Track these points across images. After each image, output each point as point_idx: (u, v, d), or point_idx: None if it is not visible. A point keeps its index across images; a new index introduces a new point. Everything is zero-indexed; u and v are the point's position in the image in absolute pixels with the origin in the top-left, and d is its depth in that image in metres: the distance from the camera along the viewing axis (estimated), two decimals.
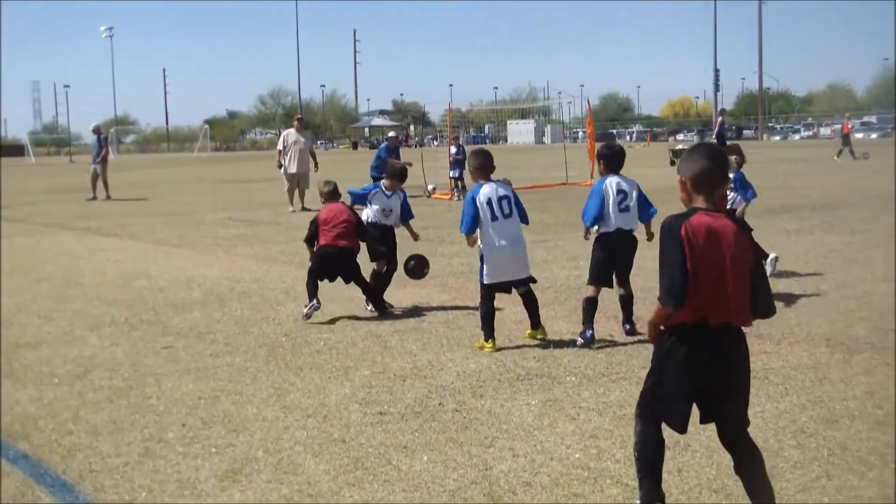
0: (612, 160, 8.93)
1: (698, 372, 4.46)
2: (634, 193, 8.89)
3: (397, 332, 9.15)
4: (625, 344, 8.45)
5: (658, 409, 4.64)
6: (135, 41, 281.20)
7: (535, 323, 8.75)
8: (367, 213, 10.52)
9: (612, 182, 8.85)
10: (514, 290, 8.72)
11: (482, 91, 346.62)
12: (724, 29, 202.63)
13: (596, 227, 9.05)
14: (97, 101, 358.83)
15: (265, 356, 8.37)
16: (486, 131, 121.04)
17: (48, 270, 13.90)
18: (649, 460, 4.73)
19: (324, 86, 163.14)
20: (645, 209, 8.93)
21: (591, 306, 8.58)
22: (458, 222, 12.66)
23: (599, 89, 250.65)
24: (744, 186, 11.62)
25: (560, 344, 8.49)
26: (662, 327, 4.65)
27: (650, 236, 8.66)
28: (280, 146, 24.49)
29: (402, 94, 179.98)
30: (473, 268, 12.30)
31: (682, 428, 4.57)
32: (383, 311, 10.13)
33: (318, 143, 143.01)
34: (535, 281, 8.91)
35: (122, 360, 8.34)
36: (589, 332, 8.43)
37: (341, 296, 10.81)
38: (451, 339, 8.84)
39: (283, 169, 23.96)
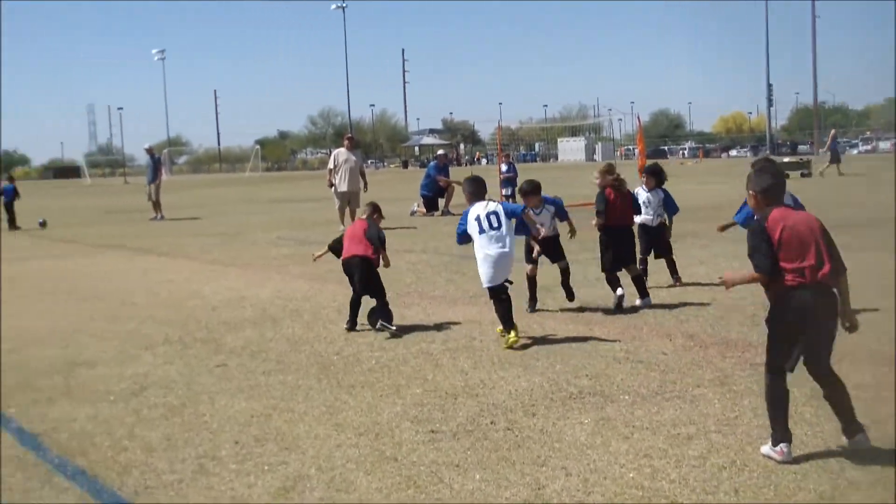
0: None
1: (800, 322, 5.65)
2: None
3: (448, 351, 9.15)
4: (678, 363, 8.39)
5: (776, 357, 5.81)
6: (186, 63, 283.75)
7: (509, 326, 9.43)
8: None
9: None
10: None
11: (532, 109, 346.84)
12: (777, 43, 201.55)
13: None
14: (150, 123, 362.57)
15: (317, 374, 8.41)
16: (537, 149, 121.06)
17: (103, 290, 14.07)
18: (782, 402, 5.83)
19: (373, 105, 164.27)
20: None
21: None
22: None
23: (650, 106, 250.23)
24: (668, 203, 13.25)
25: (613, 363, 8.44)
26: (771, 294, 5.82)
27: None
28: (331, 165, 24.54)
29: (451, 113, 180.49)
30: (525, 285, 12.31)
31: (792, 368, 5.77)
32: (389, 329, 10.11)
33: (369, 162, 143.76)
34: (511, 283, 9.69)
35: (176, 379, 8.42)
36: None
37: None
38: (503, 357, 8.82)
39: (333, 188, 24.05)
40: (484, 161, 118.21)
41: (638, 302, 11.15)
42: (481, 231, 9.39)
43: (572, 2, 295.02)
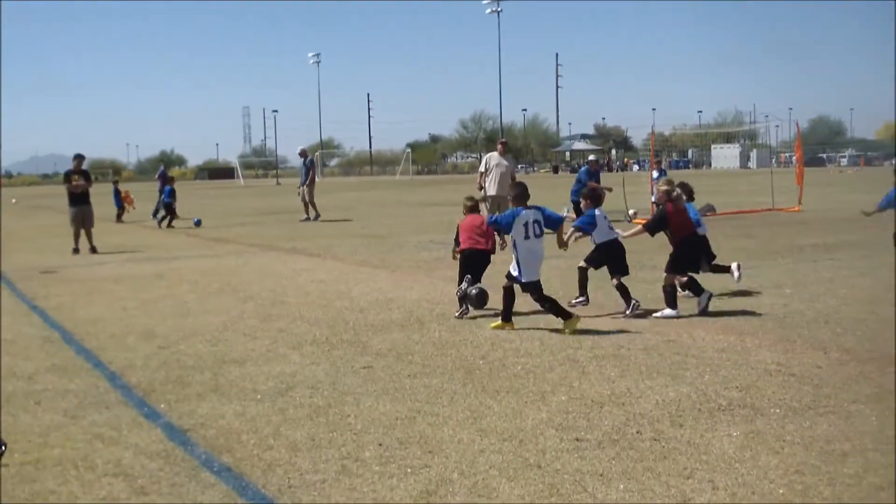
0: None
1: None
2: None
3: (595, 358, 9.06)
4: (833, 377, 8.13)
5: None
6: (341, 67, 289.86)
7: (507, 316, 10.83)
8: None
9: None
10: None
11: (686, 115, 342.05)
12: None
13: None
14: (303, 126, 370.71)
15: (462, 378, 8.43)
16: (690, 156, 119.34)
17: (254, 290, 14.39)
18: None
19: (525, 110, 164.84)
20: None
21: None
22: (660, 249, 12.47)
23: (809, 112, 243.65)
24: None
25: (764, 375, 8.23)
26: None
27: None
28: (482, 168, 24.52)
29: (604, 118, 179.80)
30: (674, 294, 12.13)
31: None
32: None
33: (519, 166, 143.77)
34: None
35: (323, 379, 8.54)
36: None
37: (539, 319, 10.81)
38: (651, 366, 8.70)
39: (483, 191, 24.08)
40: (636, 167, 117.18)
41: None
42: (526, 237, 10.67)
43: (731, 2, 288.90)
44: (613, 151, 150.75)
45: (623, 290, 11.57)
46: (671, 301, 11.34)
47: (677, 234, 11.90)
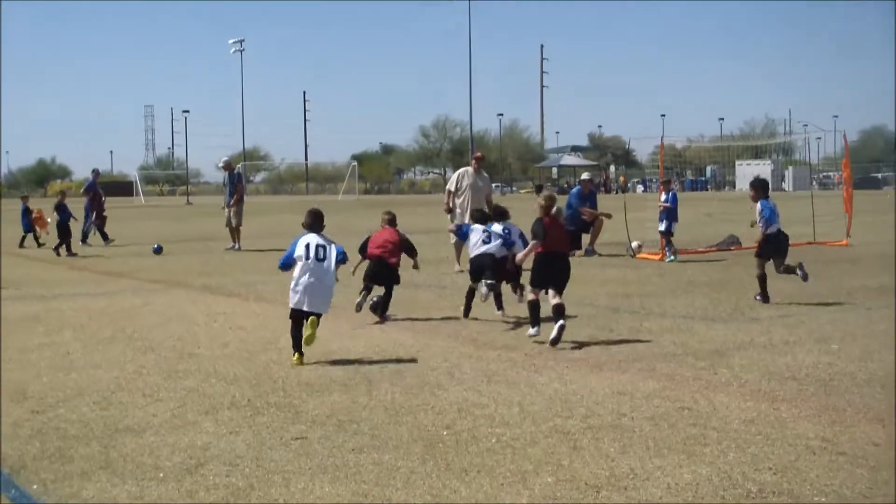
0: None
1: None
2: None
3: (590, 430, 9.05)
4: (892, 460, 8.15)
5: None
6: (270, 58, 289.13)
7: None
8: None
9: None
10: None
11: (704, 123, 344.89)
12: None
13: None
14: (222, 132, 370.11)
15: (421, 454, 8.39)
16: (708, 174, 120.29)
17: (157, 338, 14.31)
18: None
19: (501, 115, 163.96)
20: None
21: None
22: (671, 288, 12.60)
23: (860, 121, 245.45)
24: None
25: (805, 453, 8.25)
26: None
27: None
28: (452, 186, 24.48)
29: (600, 127, 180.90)
30: (689, 347, 12.19)
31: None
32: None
33: (494, 185, 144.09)
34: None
35: (243, 453, 8.47)
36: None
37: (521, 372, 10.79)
38: (660, 440, 8.70)
39: (451, 215, 24.02)
40: (640, 188, 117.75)
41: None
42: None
43: None
44: (612, 168, 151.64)
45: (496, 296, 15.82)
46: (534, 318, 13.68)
47: (546, 247, 13.76)
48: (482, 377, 11.23)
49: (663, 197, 26.79)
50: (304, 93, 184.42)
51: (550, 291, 13.54)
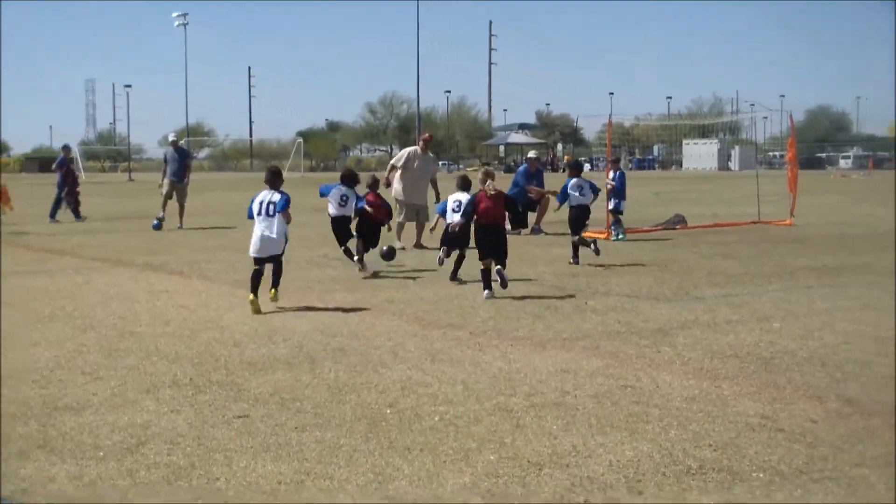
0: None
1: None
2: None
3: (533, 407, 9.11)
4: (832, 434, 8.26)
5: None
6: (214, 32, 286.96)
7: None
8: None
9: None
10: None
11: (652, 102, 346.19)
12: None
13: None
14: (165, 107, 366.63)
15: (364, 432, 8.41)
16: (656, 153, 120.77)
17: (97, 316, 14.24)
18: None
19: (449, 92, 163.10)
20: None
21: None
22: (617, 267, 12.78)
23: (806, 101, 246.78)
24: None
25: (745, 430, 8.34)
26: None
27: None
28: (398, 163, 24.41)
29: (548, 105, 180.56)
30: (633, 326, 12.30)
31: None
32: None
33: (442, 163, 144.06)
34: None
35: (185, 432, 8.46)
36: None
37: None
38: (602, 417, 8.76)
39: (394, 193, 23.99)
40: (588, 166, 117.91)
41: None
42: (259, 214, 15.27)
43: None
44: (560, 146, 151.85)
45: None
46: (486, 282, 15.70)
47: (479, 220, 16.23)
48: (426, 355, 11.27)
49: (611, 175, 26.86)
50: (249, 68, 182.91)
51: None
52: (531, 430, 8.43)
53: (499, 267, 15.56)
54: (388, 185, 23.87)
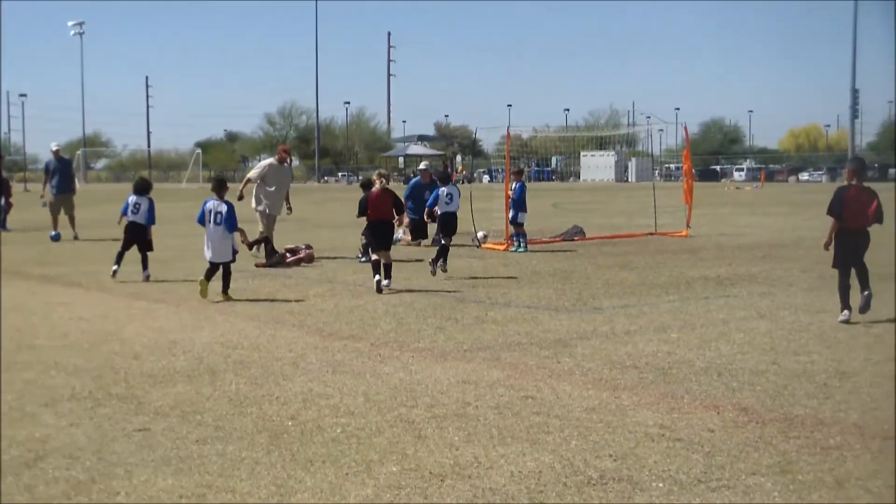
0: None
1: None
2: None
3: (435, 419, 9.13)
4: (728, 443, 8.38)
5: None
6: (111, 40, 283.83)
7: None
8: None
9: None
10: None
11: (550, 114, 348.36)
12: (866, 40, 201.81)
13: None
14: (62, 117, 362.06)
15: (266, 444, 8.38)
16: (554, 164, 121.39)
17: None
18: None
19: (348, 103, 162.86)
20: None
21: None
22: (517, 278, 12.83)
23: (700, 114, 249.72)
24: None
25: (644, 440, 8.43)
26: None
27: None
28: (255, 175, 24.60)
29: (447, 116, 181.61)
30: (534, 337, 12.38)
31: None
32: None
33: (340, 175, 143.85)
34: None
35: (84, 445, 8.37)
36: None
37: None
38: (504, 428, 8.81)
39: (257, 208, 24.22)
40: (486, 178, 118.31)
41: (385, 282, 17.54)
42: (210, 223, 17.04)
43: None
44: (459, 157, 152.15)
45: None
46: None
47: (371, 217, 17.97)
48: (327, 367, 11.25)
49: (514, 185, 26.94)
50: (147, 78, 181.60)
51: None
52: (433, 441, 8.45)
53: (386, 262, 17.73)
54: (241, 198, 23.67)
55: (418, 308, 15.26)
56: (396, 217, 18.76)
